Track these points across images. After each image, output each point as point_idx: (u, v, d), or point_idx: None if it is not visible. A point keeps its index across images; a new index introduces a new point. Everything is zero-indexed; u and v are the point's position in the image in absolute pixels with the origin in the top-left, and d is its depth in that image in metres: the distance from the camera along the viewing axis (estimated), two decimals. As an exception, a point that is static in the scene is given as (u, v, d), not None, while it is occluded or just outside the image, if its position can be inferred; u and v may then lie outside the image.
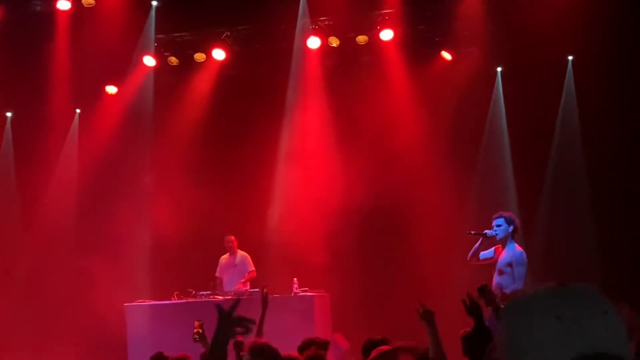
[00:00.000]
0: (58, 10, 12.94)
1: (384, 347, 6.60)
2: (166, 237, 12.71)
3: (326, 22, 13.05)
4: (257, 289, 11.37)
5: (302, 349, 6.94)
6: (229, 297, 11.15)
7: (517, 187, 12.72)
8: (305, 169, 12.94)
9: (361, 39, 13.08)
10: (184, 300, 11.49)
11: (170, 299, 11.65)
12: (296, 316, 10.65)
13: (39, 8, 13.10)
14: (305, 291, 11.39)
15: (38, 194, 13.48)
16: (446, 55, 12.95)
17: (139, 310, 11.73)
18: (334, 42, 13.17)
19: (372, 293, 12.22)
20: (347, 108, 12.96)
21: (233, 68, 13.52)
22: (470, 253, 9.52)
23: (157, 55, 13.57)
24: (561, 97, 12.75)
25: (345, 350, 9.87)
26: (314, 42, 13.07)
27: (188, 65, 13.66)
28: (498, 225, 9.28)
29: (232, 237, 12.12)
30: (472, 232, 9.70)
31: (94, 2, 12.85)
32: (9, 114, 13.93)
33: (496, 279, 9.19)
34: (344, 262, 12.27)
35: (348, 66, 13.27)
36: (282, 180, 13.13)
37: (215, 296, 11.45)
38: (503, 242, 9.28)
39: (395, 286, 12.27)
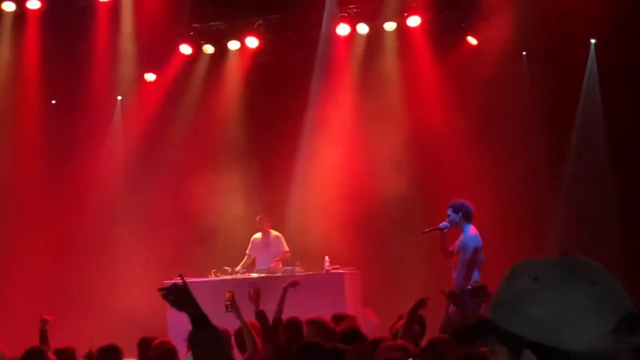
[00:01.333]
0: (99, 1, 13.04)
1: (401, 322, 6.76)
2: (204, 217, 12.89)
3: (355, 10, 13.03)
4: (289, 267, 11.64)
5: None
6: (263, 275, 11.37)
7: (545, 169, 12.69)
8: (335, 154, 12.94)
9: (389, 25, 13.08)
10: (221, 278, 11.61)
11: (208, 277, 11.76)
12: (327, 293, 10.66)
13: (81, 1, 13.18)
14: (336, 269, 11.41)
15: (83, 179, 13.59)
16: (472, 41, 12.86)
17: None
18: (363, 29, 13.12)
19: (402, 271, 12.20)
20: (375, 94, 12.94)
21: (265, 55, 13.54)
22: (440, 250, 9.37)
23: (193, 43, 13.62)
24: (583, 80, 12.71)
25: (375, 325, 10.09)
26: (343, 30, 13.08)
27: (222, 53, 13.70)
28: (448, 215, 9.16)
29: (265, 218, 12.20)
30: (427, 230, 9.54)
31: None
32: (53, 102, 13.99)
33: (454, 262, 9.15)
34: (375, 240, 12.41)
35: (376, 53, 13.20)
36: (314, 163, 13.12)
37: (250, 274, 11.63)
38: (459, 230, 9.15)
39: (424, 265, 12.13)
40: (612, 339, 1.52)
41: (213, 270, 11.86)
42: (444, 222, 9.21)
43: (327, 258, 11.51)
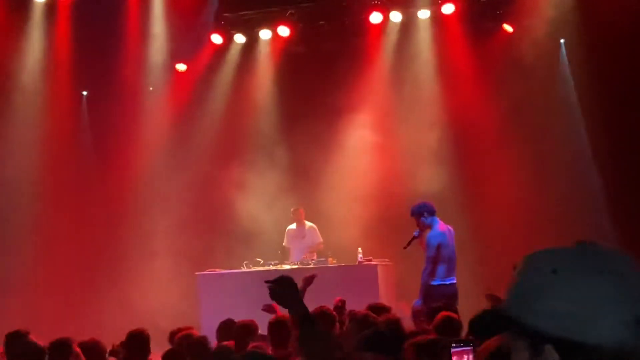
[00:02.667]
0: None
1: (447, 312, 6.64)
2: (234, 208, 12.87)
3: None
4: (323, 259, 11.63)
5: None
6: (295, 267, 11.29)
7: (593, 154, 12.50)
8: (368, 144, 12.94)
9: (423, 13, 13.09)
10: (253, 270, 11.64)
11: (240, 268, 11.80)
12: (360, 284, 10.69)
13: None
14: (369, 260, 11.40)
15: (114, 168, 13.65)
16: (508, 28, 12.80)
17: (210, 279, 11.93)
18: (396, 17, 13.05)
19: None
20: (409, 83, 12.92)
21: (297, 45, 13.56)
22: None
23: (224, 33, 13.65)
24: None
25: (409, 318, 9.91)
26: (376, 18, 13.05)
27: (253, 43, 13.77)
28: (417, 223, 9.59)
29: (300, 209, 12.19)
30: (406, 245, 9.79)
31: None
32: (84, 93, 14.12)
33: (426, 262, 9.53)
34: (409, 232, 12.32)
35: (410, 41, 13.15)
36: (347, 154, 13.09)
37: (282, 265, 11.59)
38: (427, 229, 9.52)
39: (461, 259, 12.22)
40: (631, 332, 1.50)
41: (245, 262, 11.90)
42: (416, 230, 9.63)
43: (360, 250, 11.51)
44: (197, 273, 12.03)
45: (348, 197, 12.65)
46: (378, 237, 12.03)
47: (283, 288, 3.52)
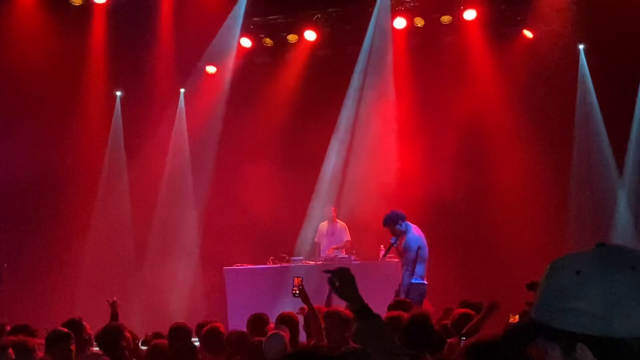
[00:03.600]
0: None
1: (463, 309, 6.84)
2: (259, 205, 12.89)
3: (412, 4, 13.07)
4: (346, 256, 11.74)
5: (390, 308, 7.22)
6: (320, 262, 11.45)
7: (614, 158, 12.52)
8: (391, 145, 12.97)
9: (445, 19, 13.07)
10: (278, 265, 11.79)
11: (266, 264, 11.93)
12: (382, 281, 10.69)
13: None
14: (392, 258, 11.35)
15: (145, 165, 13.72)
16: (528, 34, 12.84)
17: (237, 274, 12.05)
18: (419, 22, 13.09)
19: (454, 261, 12.15)
20: (431, 86, 12.88)
21: (323, 48, 13.61)
22: (400, 258, 10.10)
23: (253, 37, 13.73)
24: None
25: (431, 312, 10.04)
26: (400, 23, 13.09)
27: (281, 46, 13.80)
28: (392, 232, 9.95)
29: (333, 208, 12.36)
30: (384, 255, 10.48)
31: None
32: (118, 93, 14.20)
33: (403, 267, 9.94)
34: (430, 232, 12.31)
35: (432, 45, 13.21)
36: (370, 154, 13.09)
37: (307, 261, 11.74)
38: (405, 234, 9.85)
39: (474, 256, 12.35)
40: None
41: (271, 258, 12.03)
42: (392, 238, 9.99)
43: (382, 247, 11.38)
44: (224, 268, 12.16)
45: (371, 197, 12.57)
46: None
47: (342, 280, 3.36)
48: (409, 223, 9.91)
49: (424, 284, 9.82)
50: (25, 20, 12.87)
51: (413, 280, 9.67)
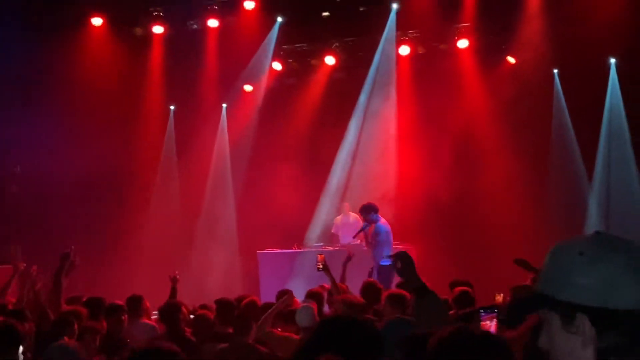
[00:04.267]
0: (209, 27, 13.17)
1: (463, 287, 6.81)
2: (284, 202, 12.96)
3: (415, 34, 13.05)
4: (358, 242, 11.39)
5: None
6: (337, 248, 11.50)
7: (584, 162, 12.44)
8: (394, 151, 13.00)
9: (442, 47, 13.10)
10: (302, 250, 11.89)
11: (292, 248, 12.02)
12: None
13: (194, 26, 13.34)
14: (396, 244, 11.20)
15: (193, 168, 13.75)
16: (511, 60, 12.87)
17: (268, 257, 12.11)
18: (421, 49, 13.12)
19: (447, 249, 12.06)
20: (429, 103, 12.87)
21: (341, 71, 13.65)
22: (366, 245, 10.29)
23: (283, 61, 13.80)
24: (606, 93, 12.49)
25: None
26: (404, 50, 13.11)
27: (306, 69, 13.86)
28: (364, 219, 10.11)
29: (346, 203, 12.46)
30: (355, 235, 10.48)
31: (235, 20, 12.91)
32: (172, 107, 14.30)
33: (374, 249, 10.01)
34: (426, 226, 12.33)
35: (431, 69, 13.13)
36: (380, 162, 13.08)
37: (326, 247, 11.75)
38: (373, 223, 10.00)
39: (464, 244, 12.32)
40: None
41: (295, 244, 12.13)
42: (364, 223, 10.18)
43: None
44: (258, 252, 12.20)
45: (380, 195, 12.44)
46: (402, 226, 11.99)
47: (403, 261, 3.37)
48: (379, 216, 10.16)
49: (387, 265, 9.78)
50: (96, 46, 13.04)
51: (382, 263, 9.72)
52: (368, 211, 10.11)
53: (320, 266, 7.08)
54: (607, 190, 12.32)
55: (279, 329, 6.41)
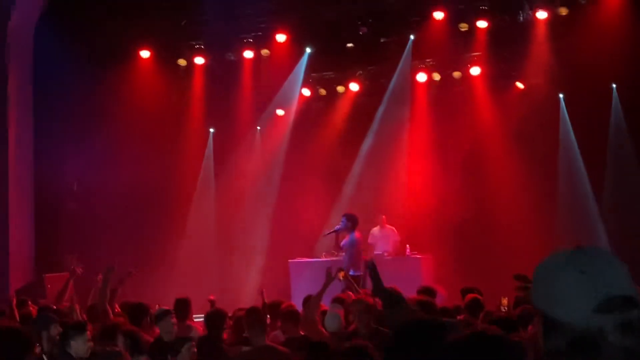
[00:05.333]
0: (244, 58, 13.56)
1: (475, 294, 6.97)
2: (312, 213, 13.30)
3: (431, 62, 13.27)
4: (380, 253, 11.69)
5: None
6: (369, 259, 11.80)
7: (592, 188, 12.31)
8: (417, 170, 13.17)
9: (456, 74, 13.31)
10: (330, 259, 11.84)
11: (320, 257, 12.15)
12: (408, 272, 10.85)
13: (232, 57, 13.72)
14: (415, 254, 11.84)
15: (229, 185, 13.96)
16: (520, 85, 12.98)
17: (299, 265, 12.31)
18: (436, 76, 13.34)
19: (465, 258, 12.22)
20: (443, 124, 13.07)
21: (364, 96, 13.80)
22: (335, 247, 10.36)
23: (311, 88, 14.03)
24: (610, 115, 12.56)
25: (444, 297, 10.51)
26: (422, 77, 13.36)
27: (332, 95, 14.07)
28: (342, 222, 10.15)
29: (383, 216, 12.47)
30: (326, 233, 10.53)
31: (268, 51, 13.37)
32: (211, 130, 14.52)
33: (344, 256, 10.17)
34: (443, 236, 12.44)
35: (446, 94, 13.37)
36: (400, 180, 13.21)
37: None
38: (347, 232, 10.10)
39: (477, 252, 12.36)
40: (596, 317, 1.48)
41: (323, 253, 12.27)
42: (337, 226, 10.27)
43: (408, 246, 11.98)
44: (289, 260, 12.38)
45: (403, 207, 12.88)
46: (418, 236, 12.28)
47: (372, 271, 3.67)
48: (356, 231, 10.27)
49: (360, 275, 9.98)
50: (144, 76, 13.51)
51: (352, 273, 9.78)
52: (350, 219, 10.23)
53: (341, 278, 7.34)
54: (613, 206, 12.26)
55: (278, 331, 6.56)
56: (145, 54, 13.58)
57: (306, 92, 14.07)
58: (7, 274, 12.10)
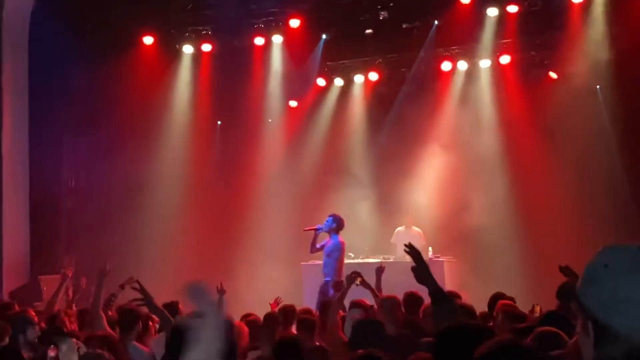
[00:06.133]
0: (255, 44, 13.37)
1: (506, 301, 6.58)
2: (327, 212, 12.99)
3: (456, 50, 13.09)
4: (401, 255, 11.33)
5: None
6: (381, 260, 11.37)
7: (632, 189, 12.15)
8: (440, 166, 12.93)
9: (484, 63, 13.07)
10: (348, 261, 11.69)
11: None
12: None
13: (241, 44, 13.48)
14: (438, 257, 11.64)
15: (238, 181, 13.79)
16: (553, 75, 12.74)
17: (313, 268, 11.95)
18: (462, 65, 13.12)
19: (490, 261, 12.06)
20: (472, 118, 12.89)
21: (384, 87, 13.68)
22: (310, 246, 10.12)
23: (327, 77, 13.92)
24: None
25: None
26: (446, 66, 13.17)
27: (349, 85, 13.93)
28: (327, 221, 9.90)
29: (410, 217, 12.42)
30: (306, 228, 10.26)
31: (281, 38, 13.19)
32: (219, 122, 14.47)
33: (324, 259, 9.96)
34: (470, 237, 12.27)
35: (473, 85, 13.17)
36: (424, 176, 13.12)
37: (368, 259, 11.87)
38: (330, 234, 9.87)
39: (510, 258, 12.20)
40: None
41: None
42: (320, 225, 10.03)
43: (430, 249, 11.74)
44: (302, 263, 12.22)
45: (424, 206, 12.75)
46: (445, 238, 12.11)
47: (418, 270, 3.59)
48: (339, 234, 10.13)
49: (342, 281, 9.76)
50: (147, 63, 13.31)
51: (336, 279, 9.81)
52: (335, 221, 10.10)
53: (358, 283, 7.19)
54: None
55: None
56: (148, 40, 13.39)
57: (321, 81, 13.97)
58: (1, 276, 11.98)
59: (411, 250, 3.73)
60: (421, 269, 3.65)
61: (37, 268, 12.20)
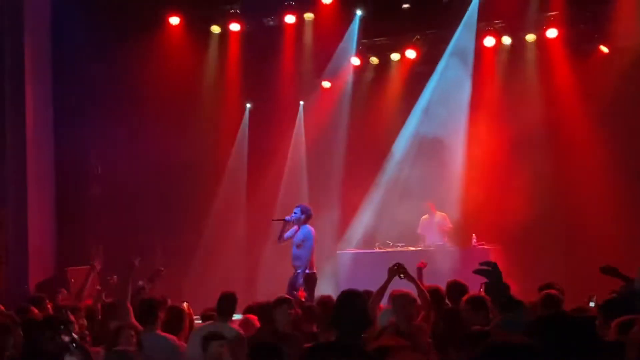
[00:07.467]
0: (286, 23, 13.37)
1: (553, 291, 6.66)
2: (366, 201, 13.14)
3: (500, 24, 12.90)
4: (441, 243, 11.84)
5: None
6: (420, 249, 11.69)
7: None
8: (482, 149, 12.80)
9: (530, 37, 12.91)
10: (383, 250, 12.04)
11: (373, 249, 12.19)
12: (475, 266, 10.63)
13: (271, 22, 13.61)
14: (482, 244, 11.63)
15: (267, 166, 13.84)
16: (604, 49, 12.53)
17: (349, 257, 12.28)
18: (507, 40, 12.90)
19: (536, 248, 12.02)
20: (517, 96, 12.70)
21: (422, 65, 13.53)
22: (278, 236, 10.15)
23: (362, 56, 13.75)
24: None
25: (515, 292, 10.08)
26: (489, 42, 12.96)
27: (385, 64, 13.80)
28: (295, 213, 9.98)
29: (430, 203, 12.46)
30: (275, 219, 10.43)
31: (312, 15, 13.23)
32: (248, 105, 14.42)
33: (294, 251, 9.99)
34: (516, 223, 11.92)
35: (518, 61, 12.98)
36: (464, 158, 13.03)
37: (408, 247, 11.95)
38: (298, 224, 9.92)
39: (552, 244, 12.16)
40: None
41: (377, 244, 12.30)
42: (288, 216, 10.10)
43: (474, 235, 11.75)
44: (338, 252, 12.40)
45: (465, 191, 12.66)
46: (488, 225, 12.00)
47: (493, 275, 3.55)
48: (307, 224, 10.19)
49: (314, 273, 10.09)
50: (174, 45, 13.47)
51: (307, 271, 9.90)
52: (305, 211, 10.19)
53: (402, 275, 7.19)
54: None
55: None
56: (174, 20, 13.54)
57: (356, 61, 13.81)
58: (27, 268, 12.14)
59: (494, 270, 3.59)
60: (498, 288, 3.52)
61: (64, 258, 12.39)
